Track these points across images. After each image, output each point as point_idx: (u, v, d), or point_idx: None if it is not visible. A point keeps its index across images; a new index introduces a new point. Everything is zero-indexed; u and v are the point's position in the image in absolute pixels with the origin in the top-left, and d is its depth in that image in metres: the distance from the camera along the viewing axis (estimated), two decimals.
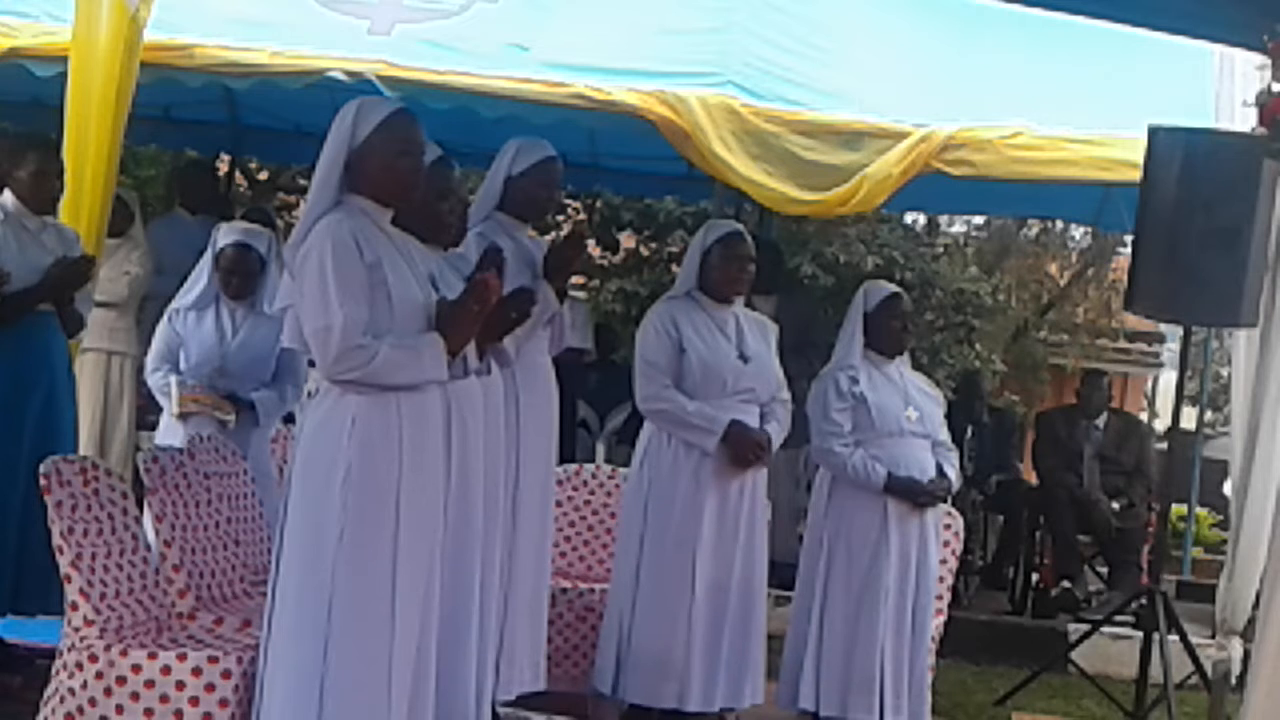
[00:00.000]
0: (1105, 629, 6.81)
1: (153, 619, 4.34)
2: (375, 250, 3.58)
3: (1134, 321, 14.51)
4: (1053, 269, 15.60)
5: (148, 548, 4.47)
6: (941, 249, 13.52)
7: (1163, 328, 14.18)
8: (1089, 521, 8.26)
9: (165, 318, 5.52)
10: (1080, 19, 5.40)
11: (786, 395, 5.23)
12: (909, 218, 12.37)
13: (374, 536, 3.53)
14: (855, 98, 5.92)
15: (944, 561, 5.58)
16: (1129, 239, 5.87)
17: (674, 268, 10.89)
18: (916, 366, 5.66)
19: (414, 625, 3.59)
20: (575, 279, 5.86)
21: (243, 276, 5.41)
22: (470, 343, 3.73)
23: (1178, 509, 9.32)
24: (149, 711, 3.97)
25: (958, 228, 14.81)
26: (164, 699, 3.97)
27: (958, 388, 9.88)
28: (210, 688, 3.96)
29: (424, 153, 3.73)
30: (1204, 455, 9.40)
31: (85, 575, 4.09)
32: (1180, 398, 6.42)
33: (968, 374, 10.54)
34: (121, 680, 3.98)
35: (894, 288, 5.47)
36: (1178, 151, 5.29)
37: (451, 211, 4.07)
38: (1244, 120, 5.29)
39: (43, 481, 4.11)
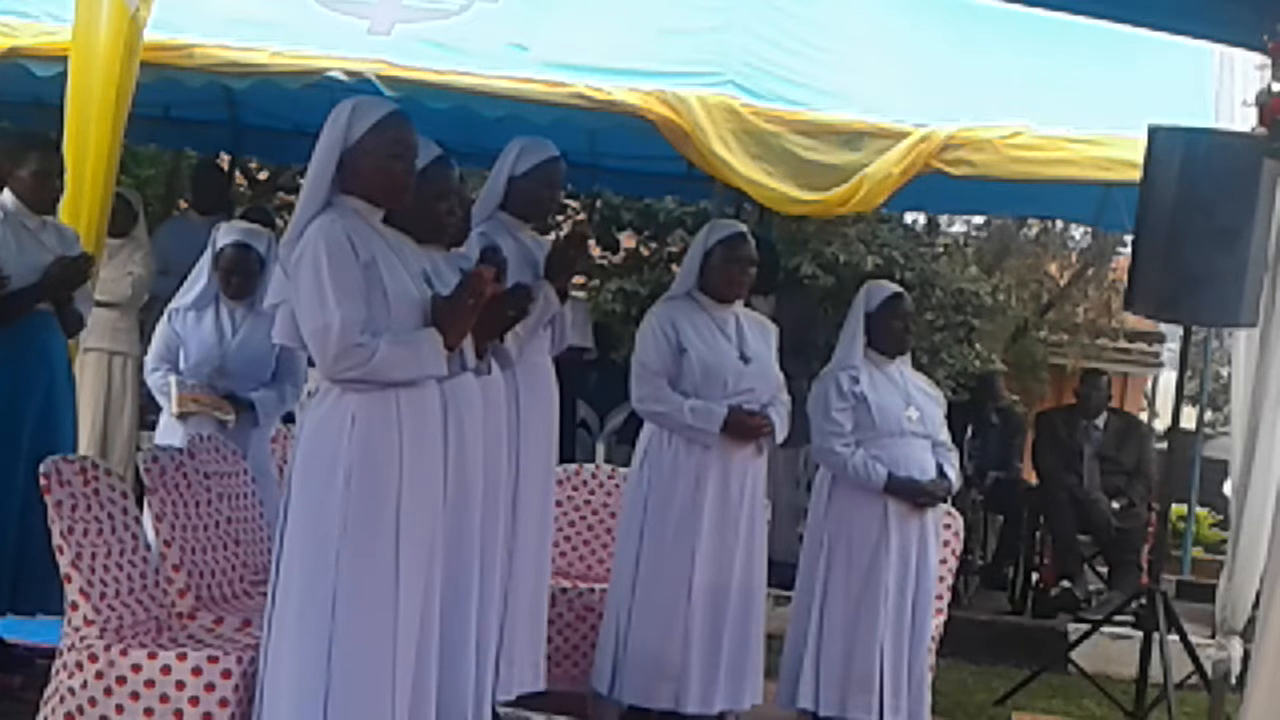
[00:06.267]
0: (1105, 629, 6.82)
1: (153, 619, 4.34)
2: (369, 248, 3.59)
3: (1134, 321, 14.49)
4: (1053, 269, 15.58)
5: (148, 548, 4.47)
6: (941, 249, 13.49)
7: (1163, 328, 14.17)
8: (1089, 521, 8.26)
9: (165, 317, 5.53)
10: (1080, 19, 5.39)
11: (786, 396, 5.23)
12: (909, 218, 12.34)
13: (376, 534, 3.53)
14: (855, 98, 5.92)
15: (944, 561, 5.58)
16: (1129, 239, 5.87)
17: (674, 268, 10.87)
18: (917, 366, 5.66)
19: (416, 622, 3.60)
20: (576, 279, 5.86)
21: (242, 276, 5.42)
22: (467, 339, 3.74)
23: (1178, 509, 9.31)
24: (149, 711, 3.98)
25: (958, 228, 14.79)
26: (164, 699, 3.97)
27: (973, 388, 9.89)
28: (210, 687, 3.96)
29: (416, 155, 3.74)
30: (1204, 455, 9.39)
31: (85, 575, 4.09)
32: (1180, 398, 6.43)
33: (984, 375, 10.54)
34: (121, 680, 3.99)
35: (896, 288, 5.47)
36: (1178, 151, 5.29)
37: (450, 211, 4.07)
38: (1244, 120, 5.28)
39: (43, 481, 4.11)
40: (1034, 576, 8.44)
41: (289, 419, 5.75)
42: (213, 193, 8.15)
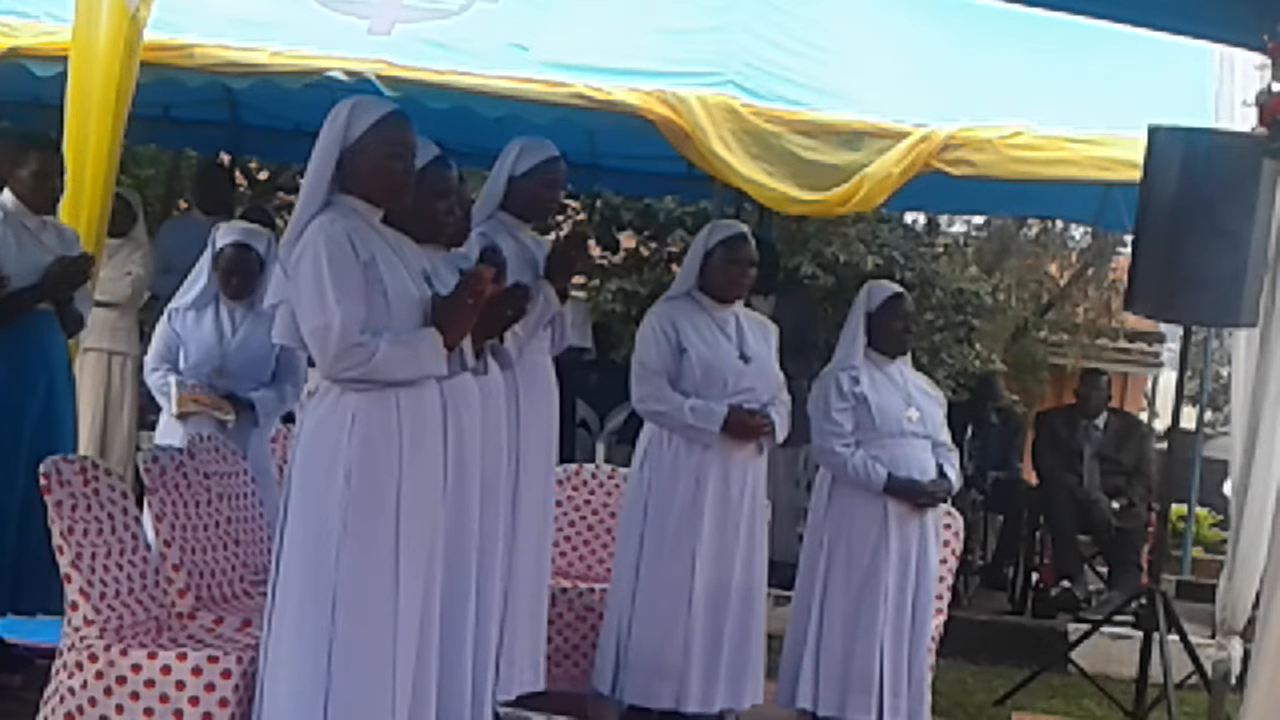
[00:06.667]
0: (1105, 629, 6.82)
1: (153, 619, 4.34)
2: (369, 248, 3.59)
3: (1134, 321, 14.49)
4: (1053, 269, 15.58)
5: (148, 548, 4.47)
6: (941, 249, 13.50)
7: (1163, 328, 14.17)
8: (1089, 521, 8.26)
9: (164, 317, 5.53)
10: (1080, 19, 5.40)
11: (786, 396, 5.23)
12: (909, 218, 12.35)
13: (375, 534, 3.53)
14: (855, 98, 5.92)
15: (944, 561, 5.58)
16: (1129, 239, 5.87)
17: (674, 268, 10.88)
18: (916, 366, 5.66)
19: (416, 622, 3.60)
20: (576, 279, 5.86)
21: (242, 276, 5.41)
22: (465, 339, 3.74)
23: (1178, 509, 9.30)
24: (149, 711, 3.98)
25: (958, 228, 14.80)
26: (164, 699, 3.97)
27: (973, 388, 9.89)
28: (210, 688, 3.96)
29: (415, 155, 3.74)
30: (1204, 455, 9.38)
31: (85, 575, 4.09)
32: (1180, 398, 6.42)
33: (984, 375, 10.53)
34: (121, 680, 3.99)
35: (897, 288, 5.46)
36: (1178, 151, 5.29)
37: (449, 211, 4.07)
38: (1244, 120, 5.28)
39: (43, 481, 4.11)
40: (1034, 576, 8.43)
41: (289, 419, 5.75)
42: (218, 193, 8.16)
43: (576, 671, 5.43)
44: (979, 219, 14.33)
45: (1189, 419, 9.70)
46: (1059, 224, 13.92)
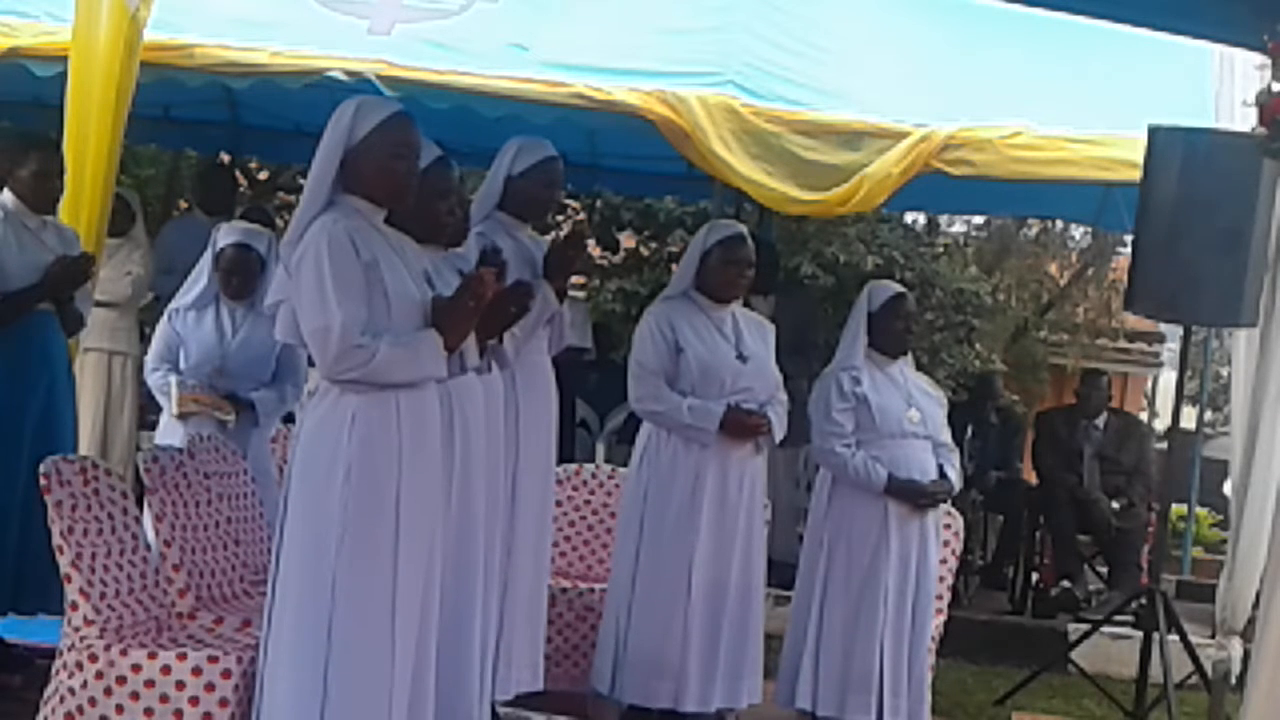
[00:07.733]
0: (1105, 629, 6.81)
1: (153, 619, 4.34)
2: (371, 249, 3.59)
3: (1134, 321, 14.49)
4: (1053, 269, 15.57)
5: (148, 548, 4.47)
6: (941, 249, 13.49)
7: (1163, 328, 14.17)
8: (1089, 521, 8.27)
9: (165, 317, 5.53)
10: (1080, 19, 5.40)
11: (784, 395, 5.23)
12: (909, 218, 12.35)
13: (375, 534, 3.54)
14: (855, 98, 5.92)
15: (944, 561, 5.57)
16: (1129, 239, 5.88)
17: (674, 268, 10.86)
18: (917, 366, 5.66)
19: (414, 622, 3.60)
20: (575, 279, 5.85)
21: (243, 277, 5.42)
22: (469, 339, 3.74)
23: (1178, 509, 9.32)
24: (149, 711, 3.98)
25: (958, 228, 14.79)
26: (164, 699, 3.97)
27: (973, 388, 9.91)
28: (210, 687, 3.96)
29: (419, 156, 3.74)
30: (1204, 455, 9.39)
31: (85, 575, 4.09)
32: (1180, 398, 6.42)
33: (984, 375, 10.53)
34: (121, 680, 3.99)
35: (899, 288, 5.45)
36: (1178, 151, 5.29)
37: (450, 212, 4.07)
38: (1244, 120, 5.28)
39: (43, 481, 4.11)
40: (1034, 576, 8.44)
41: (289, 419, 5.75)
42: (220, 193, 8.17)
43: (576, 671, 5.43)
44: (979, 219, 14.33)
45: (1189, 419, 9.70)
46: (1059, 224, 13.93)
